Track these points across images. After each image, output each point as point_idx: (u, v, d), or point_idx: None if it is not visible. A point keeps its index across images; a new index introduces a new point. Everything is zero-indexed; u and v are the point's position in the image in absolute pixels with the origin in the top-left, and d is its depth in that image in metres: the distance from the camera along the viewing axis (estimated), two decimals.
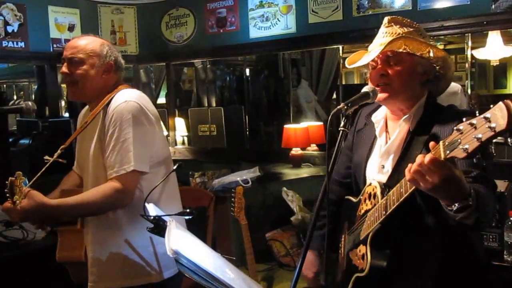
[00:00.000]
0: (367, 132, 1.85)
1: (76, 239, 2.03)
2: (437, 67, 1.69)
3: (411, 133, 1.67)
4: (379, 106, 1.82)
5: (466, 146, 1.14)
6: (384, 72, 1.66)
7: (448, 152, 1.20)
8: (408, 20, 1.73)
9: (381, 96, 1.67)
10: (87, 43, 2.05)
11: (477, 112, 1.19)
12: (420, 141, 1.62)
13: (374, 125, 1.81)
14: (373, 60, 1.69)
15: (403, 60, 1.65)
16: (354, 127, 1.92)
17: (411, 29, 1.69)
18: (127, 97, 1.97)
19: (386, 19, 1.74)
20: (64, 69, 2.04)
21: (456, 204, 1.35)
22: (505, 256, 2.60)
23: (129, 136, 1.90)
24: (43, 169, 1.97)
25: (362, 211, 1.73)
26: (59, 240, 2.06)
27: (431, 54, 1.63)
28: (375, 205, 1.64)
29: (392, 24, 1.71)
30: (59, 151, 2.03)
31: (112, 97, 2.02)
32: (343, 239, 1.88)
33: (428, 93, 1.73)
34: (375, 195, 1.66)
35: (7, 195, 1.80)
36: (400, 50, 1.62)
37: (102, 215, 1.98)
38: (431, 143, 1.29)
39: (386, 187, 1.64)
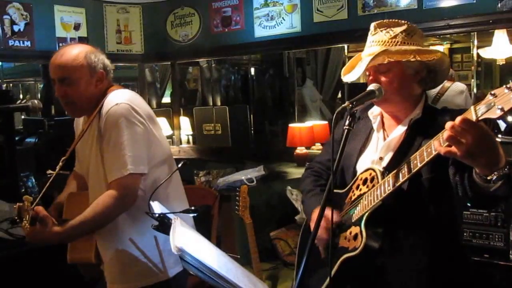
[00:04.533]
0: (362, 125, 1.87)
1: (86, 241, 2.02)
2: (429, 64, 1.70)
3: (411, 130, 1.70)
4: None
5: (501, 106, 1.17)
6: (375, 82, 1.69)
7: (480, 113, 1.23)
8: (395, 21, 1.73)
9: (377, 105, 1.74)
10: (72, 58, 1.96)
11: None
12: (419, 138, 1.66)
13: (370, 120, 1.84)
14: (366, 70, 1.71)
15: (391, 66, 1.67)
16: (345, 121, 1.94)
17: (399, 30, 1.70)
18: (117, 99, 1.94)
19: (372, 27, 1.76)
20: (59, 91, 1.99)
21: (496, 173, 1.32)
22: (510, 256, 2.59)
23: (123, 139, 1.89)
24: (48, 183, 1.96)
25: (354, 197, 1.75)
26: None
27: (418, 58, 1.64)
28: (373, 186, 1.65)
29: (378, 30, 1.73)
30: (60, 164, 2.02)
31: (104, 100, 1.98)
32: None
33: (424, 94, 1.77)
34: (373, 178, 1.68)
35: (17, 220, 1.81)
36: (385, 62, 1.65)
37: None
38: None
39: (386, 170, 1.65)
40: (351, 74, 1.77)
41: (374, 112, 1.83)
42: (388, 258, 1.66)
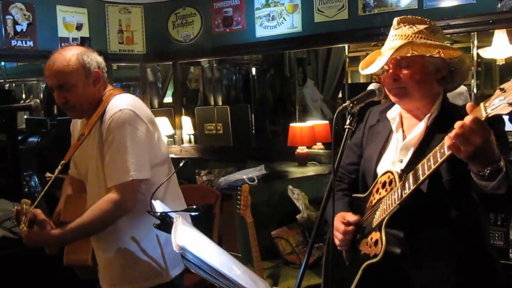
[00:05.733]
0: (381, 128, 1.84)
1: (82, 243, 2.03)
2: (450, 63, 1.68)
3: (429, 129, 1.67)
4: (392, 104, 1.82)
5: (511, 101, 1.13)
6: (396, 76, 1.67)
7: (490, 110, 1.19)
8: (419, 18, 1.71)
9: (397, 100, 1.70)
10: (65, 64, 1.94)
11: None
12: (438, 137, 1.61)
13: (389, 122, 1.80)
14: (386, 64, 1.69)
15: (413, 61, 1.64)
16: (365, 124, 1.92)
17: (423, 27, 1.68)
18: (121, 105, 1.94)
19: (395, 21, 1.73)
20: (59, 98, 1.98)
21: (489, 168, 1.31)
22: (510, 255, 2.61)
23: (126, 145, 1.89)
24: (46, 187, 1.96)
25: (374, 201, 1.71)
26: None
27: (442, 55, 1.61)
28: (391, 190, 1.61)
29: (401, 25, 1.70)
30: (59, 167, 2.00)
31: (106, 106, 1.99)
32: None
33: (442, 93, 1.73)
34: (391, 182, 1.63)
35: (14, 222, 1.81)
36: (408, 55, 1.61)
37: None
38: (469, 105, 1.26)
39: (404, 172, 1.60)
40: (371, 66, 1.74)
41: (393, 113, 1.80)
42: (412, 264, 1.62)
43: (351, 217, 1.77)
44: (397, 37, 1.70)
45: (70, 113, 2.06)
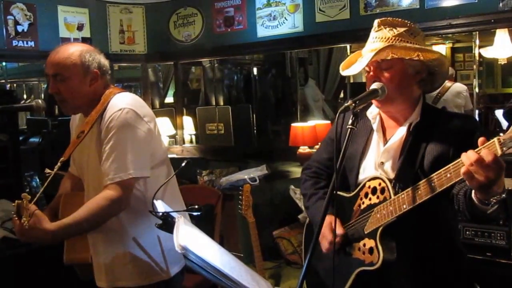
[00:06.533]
0: (361, 126, 1.85)
1: (82, 241, 2.03)
2: (430, 65, 1.71)
3: (412, 136, 1.71)
4: None
5: None
6: (376, 79, 1.69)
7: (506, 148, 1.27)
8: (400, 20, 1.73)
9: (376, 103, 1.72)
10: (67, 57, 1.98)
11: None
12: (422, 146, 1.68)
13: (369, 120, 1.83)
14: (367, 66, 1.71)
15: (393, 64, 1.67)
16: (342, 121, 1.95)
17: (402, 30, 1.70)
18: (122, 104, 1.95)
19: (376, 23, 1.75)
20: (52, 88, 2.00)
21: (495, 198, 1.39)
22: None
23: (126, 144, 1.90)
24: (46, 183, 1.95)
25: (364, 206, 1.74)
26: (66, 243, 2.06)
27: (421, 58, 1.64)
28: (384, 199, 1.65)
29: (382, 27, 1.73)
30: (58, 164, 1.99)
31: (107, 104, 1.99)
32: None
33: (422, 97, 1.77)
34: (382, 189, 1.67)
35: (15, 217, 1.80)
36: (388, 58, 1.65)
37: None
38: (481, 139, 1.34)
39: (397, 182, 1.66)
40: (352, 68, 1.76)
41: (373, 112, 1.82)
42: (396, 268, 1.68)
43: (338, 229, 1.77)
44: (377, 39, 1.72)
45: (61, 106, 2.07)
